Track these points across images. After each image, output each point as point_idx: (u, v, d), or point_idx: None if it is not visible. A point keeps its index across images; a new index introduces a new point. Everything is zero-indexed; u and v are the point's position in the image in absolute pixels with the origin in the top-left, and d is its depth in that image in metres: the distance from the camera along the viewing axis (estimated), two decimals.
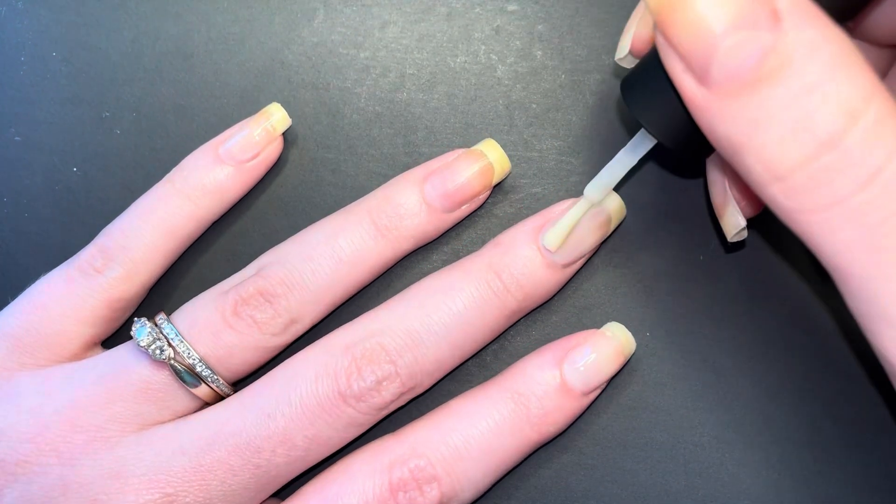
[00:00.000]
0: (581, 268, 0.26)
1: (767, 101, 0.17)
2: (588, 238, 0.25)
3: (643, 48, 0.22)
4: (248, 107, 0.27)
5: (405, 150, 0.27)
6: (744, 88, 0.17)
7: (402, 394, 0.23)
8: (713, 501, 0.25)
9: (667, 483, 0.25)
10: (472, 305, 0.23)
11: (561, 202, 0.25)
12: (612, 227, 0.25)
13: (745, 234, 0.23)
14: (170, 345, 0.23)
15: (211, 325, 0.23)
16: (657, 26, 0.18)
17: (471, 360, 0.26)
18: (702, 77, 0.17)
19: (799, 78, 0.16)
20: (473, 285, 0.24)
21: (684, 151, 0.21)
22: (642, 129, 0.22)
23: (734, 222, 0.23)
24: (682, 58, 0.18)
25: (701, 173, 0.26)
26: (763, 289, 0.26)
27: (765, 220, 0.26)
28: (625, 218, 0.26)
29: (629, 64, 0.23)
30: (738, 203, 0.23)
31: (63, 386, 0.23)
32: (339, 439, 0.23)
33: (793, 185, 0.17)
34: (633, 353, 0.25)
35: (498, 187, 0.27)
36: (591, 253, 0.25)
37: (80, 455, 0.22)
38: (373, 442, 0.24)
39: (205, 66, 0.28)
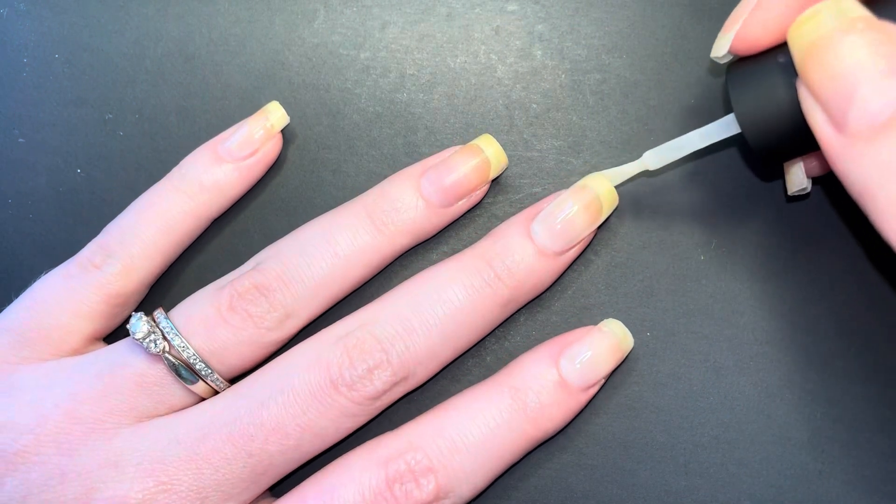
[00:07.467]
0: (582, 268, 0.26)
1: None
2: (578, 222, 0.24)
3: (745, 48, 0.22)
4: (250, 108, 0.27)
5: (405, 150, 0.27)
6: (879, 134, 0.17)
7: (395, 384, 0.23)
8: (713, 501, 0.25)
9: (667, 483, 0.25)
10: (463, 294, 0.24)
11: (553, 194, 0.25)
12: (604, 213, 0.25)
13: (807, 191, 0.24)
14: (164, 338, 0.23)
15: (206, 319, 0.24)
16: (798, 69, 0.19)
17: (471, 361, 0.26)
18: (839, 123, 0.18)
19: None
20: (465, 275, 0.24)
21: (764, 156, 0.22)
22: (729, 117, 0.23)
23: (798, 181, 0.24)
24: (821, 102, 0.18)
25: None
26: (763, 289, 0.26)
27: (766, 220, 0.26)
28: (617, 207, 0.25)
29: (724, 61, 0.23)
30: (806, 163, 0.24)
31: (63, 380, 0.23)
32: (332, 430, 0.23)
33: None
34: (634, 354, 0.25)
35: (497, 187, 0.27)
36: (585, 244, 0.25)
37: (77, 446, 0.23)
38: (371, 439, 0.24)
39: (206, 67, 0.28)
